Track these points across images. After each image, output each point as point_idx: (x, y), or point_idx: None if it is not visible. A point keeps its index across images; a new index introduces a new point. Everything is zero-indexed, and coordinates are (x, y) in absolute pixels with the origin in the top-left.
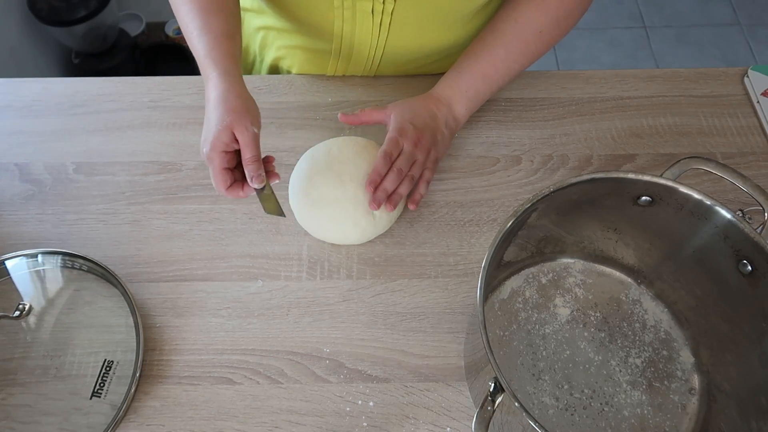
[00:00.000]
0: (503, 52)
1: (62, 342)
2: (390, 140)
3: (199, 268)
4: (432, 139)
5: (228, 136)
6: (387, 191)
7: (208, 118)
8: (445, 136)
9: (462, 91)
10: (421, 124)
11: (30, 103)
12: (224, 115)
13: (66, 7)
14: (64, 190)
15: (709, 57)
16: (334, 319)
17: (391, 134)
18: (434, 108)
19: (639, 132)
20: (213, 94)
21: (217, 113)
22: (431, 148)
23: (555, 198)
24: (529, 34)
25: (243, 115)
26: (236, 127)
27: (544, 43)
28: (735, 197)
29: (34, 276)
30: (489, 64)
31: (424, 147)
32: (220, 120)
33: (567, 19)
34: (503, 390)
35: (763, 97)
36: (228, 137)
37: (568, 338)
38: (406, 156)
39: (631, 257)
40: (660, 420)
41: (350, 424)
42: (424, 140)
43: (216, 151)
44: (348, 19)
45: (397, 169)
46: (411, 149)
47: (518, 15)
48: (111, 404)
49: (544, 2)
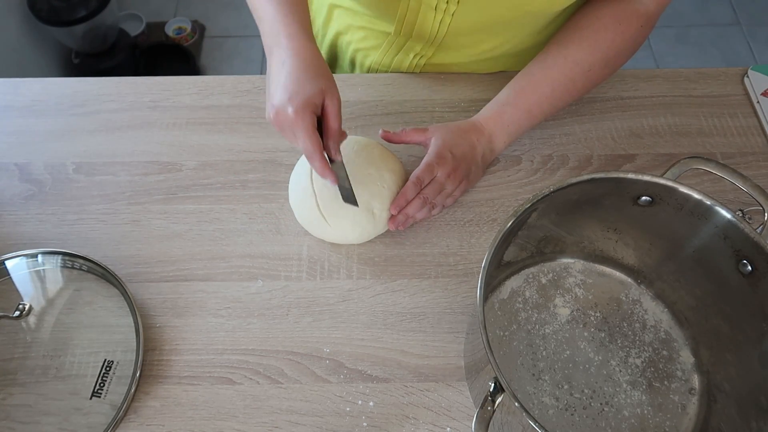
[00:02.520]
0: (549, 90)
1: (62, 342)
2: (426, 166)
3: (199, 268)
4: (467, 170)
5: (320, 100)
6: (408, 216)
7: (295, 78)
8: (479, 168)
9: (505, 126)
10: (460, 154)
11: (30, 103)
12: (317, 78)
13: (66, 7)
14: (64, 190)
15: (709, 57)
16: (334, 319)
17: (429, 159)
18: (475, 139)
19: (639, 132)
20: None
21: (309, 75)
22: (463, 180)
23: (555, 198)
24: (578, 73)
25: (334, 83)
26: (329, 95)
27: (591, 82)
28: (735, 197)
29: (34, 276)
30: (534, 100)
31: (457, 178)
32: (313, 82)
33: (617, 59)
34: (503, 390)
35: (763, 97)
36: (320, 100)
37: (568, 338)
38: (437, 185)
39: (631, 257)
40: (660, 420)
41: (350, 424)
42: (459, 171)
43: (308, 110)
44: (413, 9)
45: (423, 198)
46: (443, 179)
47: (569, 53)
48: (111, 404)
49: (596, 41)
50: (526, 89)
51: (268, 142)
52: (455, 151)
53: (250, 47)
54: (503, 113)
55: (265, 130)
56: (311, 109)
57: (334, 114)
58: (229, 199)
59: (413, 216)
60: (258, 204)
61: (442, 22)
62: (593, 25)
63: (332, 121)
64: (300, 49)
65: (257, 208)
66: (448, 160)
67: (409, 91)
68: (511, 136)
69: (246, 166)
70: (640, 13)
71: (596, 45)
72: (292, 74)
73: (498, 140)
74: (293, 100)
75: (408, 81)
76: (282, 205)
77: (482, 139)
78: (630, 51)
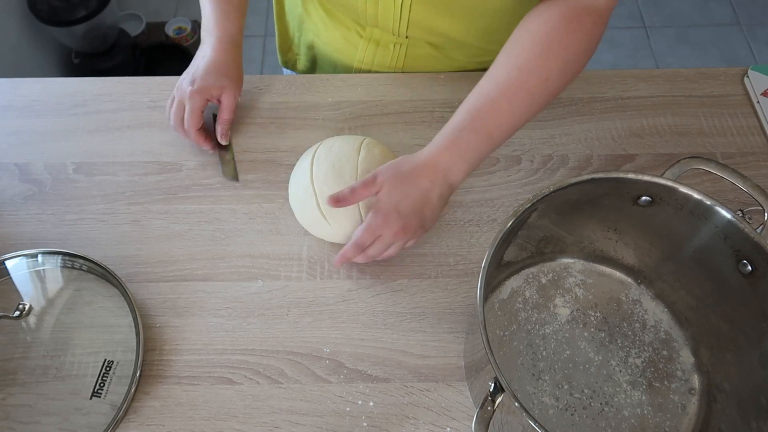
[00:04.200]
0: (506, 106)
1: (62, 342)
2: (368, 228)
3: (199, 268)
4: (418, 222)
5: (217, 93)
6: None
7: (204, 69)
8: (435, 210)
9: (462, 156)
10: (409, 210)
11: (30, 103)
12: (222, 76)
13: (66, 7)
14: (64, 190)
15: (709, 57)
16: (334, 319)
17: (371, 221)
18: (428, 182)
19: (639, 132)
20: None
21: (216, 71)
22: (416, 231)
23: (555, 198)
24: (534, 83)
25: (237, 84)
26: (227, 92)
27: (550, 92)
28: (735, 197)
29: (34, 276)
30: (492, 121)
31: (407, 234)
32: (217, 78)
33: (574, 65)
34: (503, 390)
35: (763, 97)
36: (217, 93)
37: (568, 338)
38: (382, 245)
39: (631, 257)
40: (660, 420)
41: (350, 424)
42: (408, 228)
43: (201, 95)
44: (371, 2)
45: (368, 256)
46: (390, 239)
47: (521, 63)
48: (111, 404)
49: (548, 46)
50: (482, 110)
51: (268, 142)
52: (402, 207)
53: (250, 47)
54: (460, 140)
55: (265, 130)
56: (205, 95)
57: (227, 106)
58: (229, 199)
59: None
60: (258, 204)
61: (402, 6)
62: (543, 29)
63: (224, 112)
64: (220, 50)
65: (257, 208)
66: (392, 221)
67: (409, 91)
68: (471, 165)
69: (246, 166)
70: (590, 9)
71: (549, 50)
72: (204, 68)
73: (456, 173)
74: (194, 83)
75: (408, 81)
76: (282, 205)
77: (437, 178)
78: (586, 53)
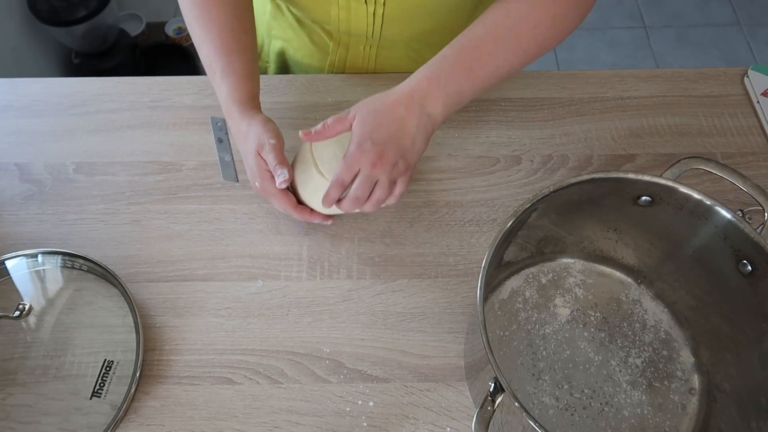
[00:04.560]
0: (492, 46)
1: (62, 342)
2: (345, 163)
3: (199, 268)
4: (397, 152)
5: (261, 162)
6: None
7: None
8: (416, 141)
9: (441, 86)
10: (384, 138)
11: (30, 103)
12: (250, 147)
13: (66, 7)
14: (64, 190)
15: (709, 57)
16: (334, 319)
17: (347, 155)
18: (404, 110)
19: (639, 132)
20: (241, 130)
21: (246, 147)
22: (397, 162)
23: (555, 198)
24: (523, 29)
25: (260, 136)
26: (259, 149)
27: (538, 44)
28: (735, 197)
29: (34, 276)
30: (475, 58)
31: (386, 165)
32: (249, 152)
33: (564, 20)
34: (503, 390)
35: (763, 97)
36: (262, 162)
37: (568, 338)
38: (366, 180)
39: (631, 257)
40: (660, 420)
41: (350, 424)
42: (385, 158)
43: (265, 179)
44: (343, 6)
45: (354, 198)
46: (369, 171)
47: (512, 8)
48: (111, 404)
49: None
50: (465, 46)
51: None
52: (376, 136)
53: None
54: (440, 73)
55: None
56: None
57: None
58: (229, 199)
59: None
60: (258, 204)
61: (375, 14)
62: None
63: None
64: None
65: (257, 208)
66: (367, 150)
67: None
68: (450, 98)
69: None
70: None
71: (542, 1)
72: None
73: (434, 103)
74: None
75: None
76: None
77: (413, 106)
78: (577, 14)
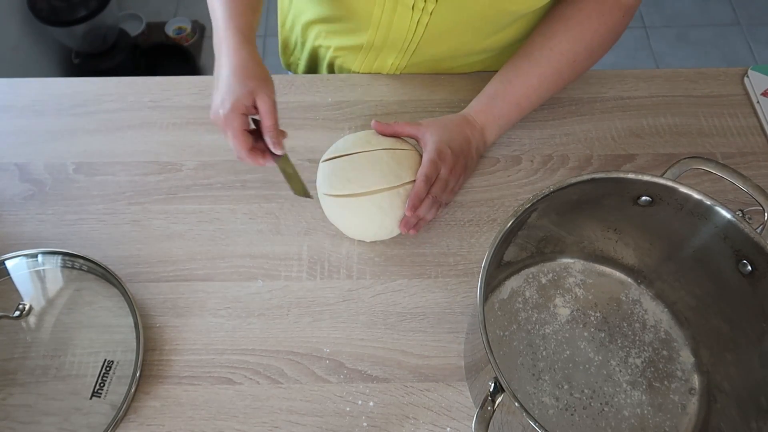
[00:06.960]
0: (536, 82)
1: (62, 342)
2: (430, 163)
3: (199, 268)
4: (465, 164)
5: (250, 101)
6: (419, 218)
7: (227, 83)
8: (473, 162)
9: (495, 119)
10: (458, 149)
11: (30, 103)
12: (246, 80)
13: (66, 7)
14: (64, 190)
15: (709, 57)
16: (334, 319)
17: (431, 156)
18: (469, 132)
19: (639, 132)
20: (233, 59)
21: (238, 78)
22: (462, 174)
23: (555, 198)
24: (563, 64)
25: (266, 83)
26: (259, 93)
27: (576, 72)
28: (735, 197)
29: (34, 276)
30: (522, 93)
31: (458, 173)
32: (242, 84)
33: (600, 48)
34: (503, 390)
35: (763, 97)
36: (249, 101)
37: (568, 338)
38: (442, 182)
39: (631, 257)
40: (660, 420)
41: (350, 424)
42: (458, 166)
43: (237, 112)
44: (388, 9)
45: (433, 197)
46: (447, 175)
47: (554, 44)
48: (111, 404)
49: (580, 32)
50: (513, 82)
51: None
52: (453, 145)
53: None
54: (493, 106)
55: None
56: (240, 111)
57: (266, 112)
58: (229, 199)
59: (425, 217)
60: (258, 204)
61: (419, 23)
62: (577, 16)
63: (265, 118)
64: (232, 54)
65: (257, 208)
66: (448, 155)
67: (408, 91)
68: (502, 129)
69: (246, 166)
70: (621, 3)
71: (581, 35)
72: (225, 79)
73: (489, 133)
74: (224, 104)
75: (408, 81)
76: (282, 205)
77: (475, 132)
78: (611, 41)
